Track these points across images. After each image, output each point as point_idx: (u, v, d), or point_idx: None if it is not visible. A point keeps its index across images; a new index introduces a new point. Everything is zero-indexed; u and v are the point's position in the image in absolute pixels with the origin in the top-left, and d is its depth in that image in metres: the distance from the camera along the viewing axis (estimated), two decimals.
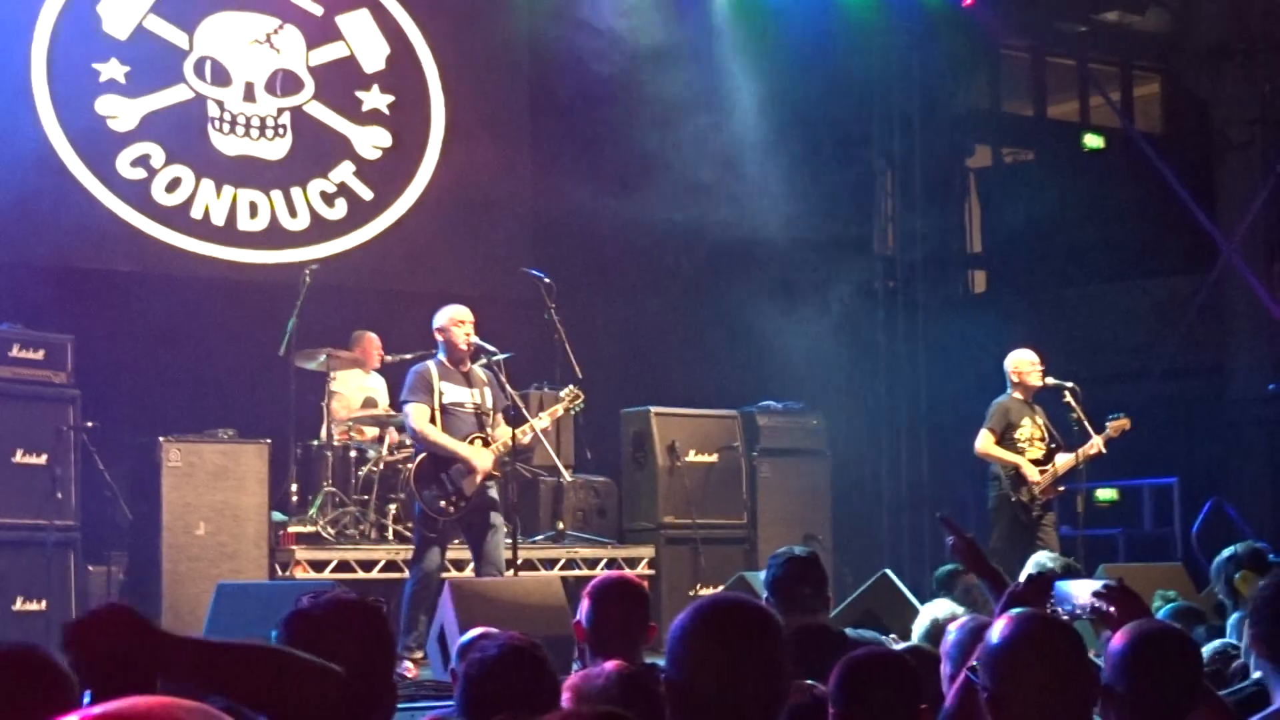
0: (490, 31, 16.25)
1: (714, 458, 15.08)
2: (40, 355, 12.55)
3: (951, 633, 5.21)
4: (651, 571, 14.32)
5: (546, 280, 13.65)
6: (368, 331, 14.40)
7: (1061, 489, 13.28)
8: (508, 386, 12.19)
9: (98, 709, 1.71)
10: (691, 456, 14.93)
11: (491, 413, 11.96)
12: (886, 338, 18.21)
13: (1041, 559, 8.94)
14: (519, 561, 12.13)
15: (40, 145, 14.14)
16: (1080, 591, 4.51)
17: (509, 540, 11.90)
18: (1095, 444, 13.13)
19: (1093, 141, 22.50)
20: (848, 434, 16.86)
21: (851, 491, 16.96)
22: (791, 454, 15.61)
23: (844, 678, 4.58)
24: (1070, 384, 13.38)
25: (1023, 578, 5.35)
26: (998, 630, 3.91)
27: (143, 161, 14.73)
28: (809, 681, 4.72)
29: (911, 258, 18.42)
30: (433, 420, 11.72)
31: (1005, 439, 13.25)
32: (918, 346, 18.14)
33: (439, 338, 11.99)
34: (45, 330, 12.73)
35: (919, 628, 7.39)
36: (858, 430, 17.62)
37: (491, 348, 12.71)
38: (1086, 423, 13.26)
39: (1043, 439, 13.29)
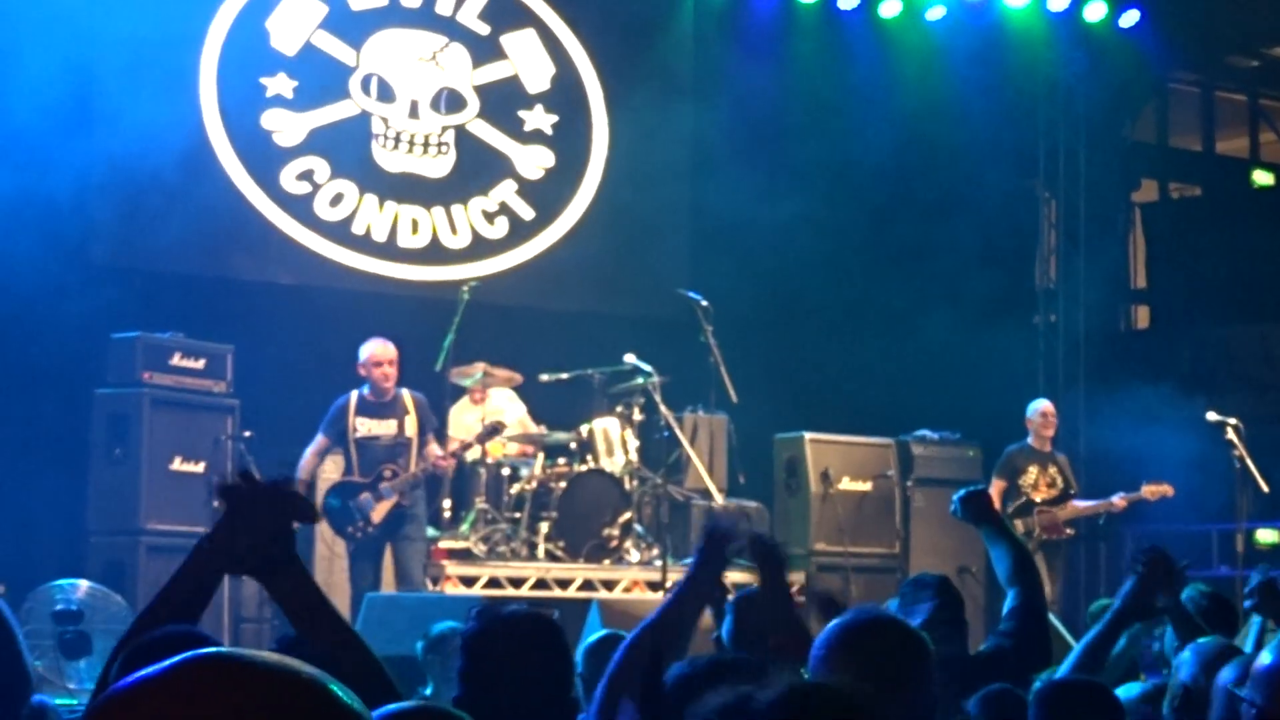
0: (656, 53, 16.24)
1: (867, 486, 14.97)
2: (201, 364, 12.73)
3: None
4: (802, 599, 14.20)
5: (704, 303, 13.65)
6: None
7: (1070, 531, 14.13)
8: (637, 413, 12.20)
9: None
10: (845, 484, 14.84)
11: (415, 440, 12.44)
12: (1046, 370, 17.98)
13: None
14: (668, 584, 12.07)
15: (206, 157, 14.32)
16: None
17: (658, 561, 11.87)
18: (1115, 500, 13.73)
19: (1262, 178, 22.10)
20: None
21: None
22: (946, 484, 15.40)
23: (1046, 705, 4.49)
24: (1233, 420, 13.20)
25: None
26: (1270, 651, 3.91)
27: (307, 176, 14.87)
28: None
29: (1073, 291, 18.18)
30: (346, 452, 12.43)
31: (1012, 486, 13.98)
32: (1077, 381, 17.88)
33: (361, 372, 12.31)
34: (206, 340, 12.90)
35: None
36: None
37: (647, 367, 12.71)
38: (1249, 460, 13.07)
39: (1050, 484, 13.94)
